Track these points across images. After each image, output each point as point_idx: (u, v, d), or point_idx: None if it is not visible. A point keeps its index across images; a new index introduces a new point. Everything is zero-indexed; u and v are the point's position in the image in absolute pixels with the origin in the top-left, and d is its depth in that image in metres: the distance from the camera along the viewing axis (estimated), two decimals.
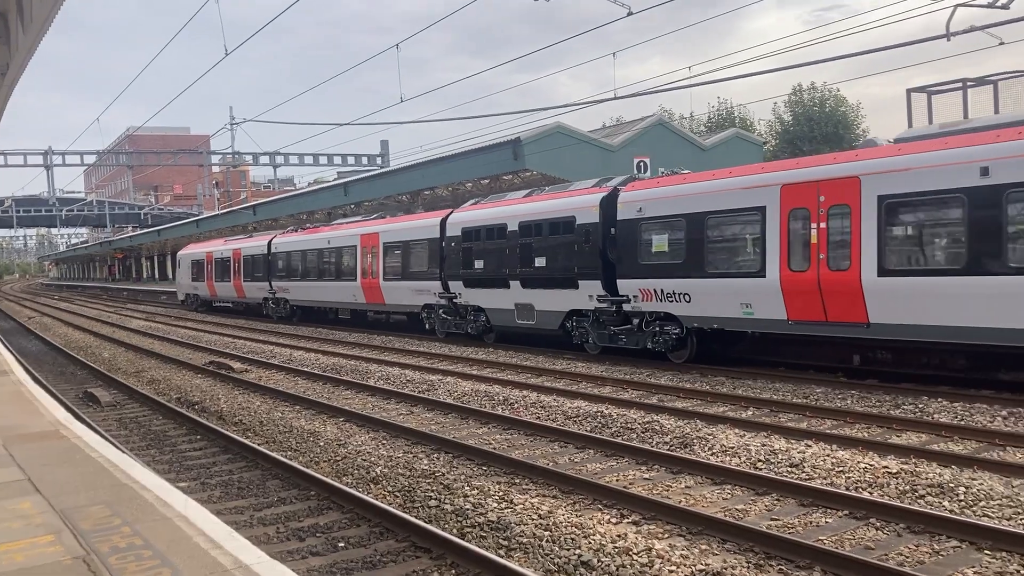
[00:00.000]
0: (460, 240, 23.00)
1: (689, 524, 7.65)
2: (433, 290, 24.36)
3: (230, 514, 8.60)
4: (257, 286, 37.48)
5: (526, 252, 20.55)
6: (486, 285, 22.02)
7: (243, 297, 39.92)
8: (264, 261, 36.49)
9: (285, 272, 34.74)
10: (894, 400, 12.76)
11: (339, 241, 30.18)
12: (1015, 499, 7.86)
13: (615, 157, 31.95)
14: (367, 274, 27.91)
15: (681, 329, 17.04)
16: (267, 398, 15.83)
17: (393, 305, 27.24)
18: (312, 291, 32.46)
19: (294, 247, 34.08)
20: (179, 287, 49.82)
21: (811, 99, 57.23)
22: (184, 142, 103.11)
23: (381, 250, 27.13)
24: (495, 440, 11.65)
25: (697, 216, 16.37)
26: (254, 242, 38.72)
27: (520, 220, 20.78)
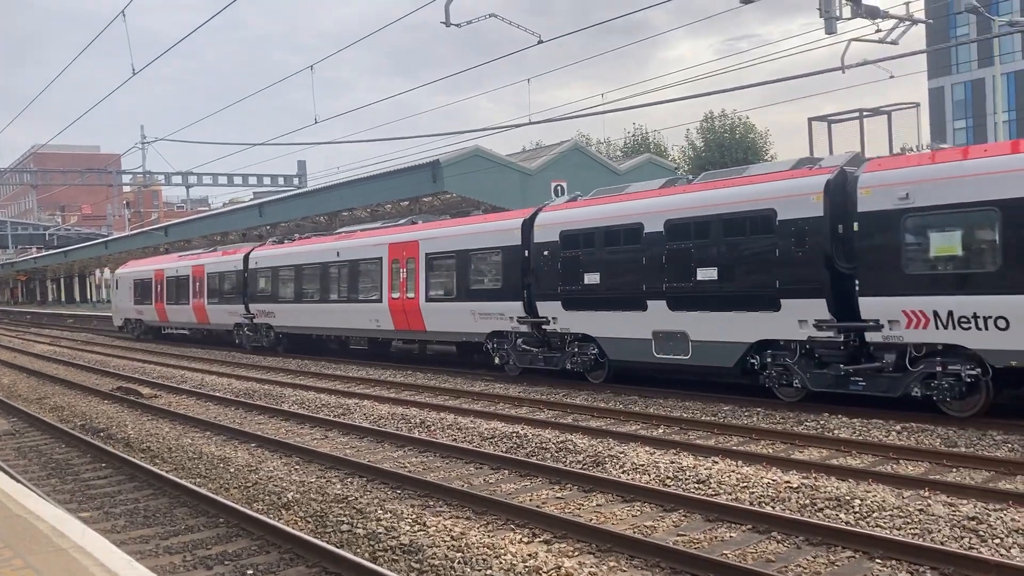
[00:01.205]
0: (557, 248, 17.63)
1: (599, 541, 7.79)
2: (509, 313, 18.99)
3: (135, 543, 8.39)
4: (227, 309, 31.28)
5: (679, 261, 15.26)
6: (603, 307, 16.75)
7: (205, 323, 33.60)
8: (238, 279, 30.50)
9: (269, 292, 28.68)
10: (798, 417, 13.21)
11: (354, 252, 24.35)
12: (905, 510, 8.24)
13: (533, 180, 32.32)
14: (398, 293, 22.32)
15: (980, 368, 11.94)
16: (176, 424, 15.46)
17: (439, 332, 21.48)
18: (309, 315, 26.59)
19: (284, 261, 27.97)
20: (116, 311, 42.78)
21: (722, 126, 59.01)
22: (93, 161, 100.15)
23: (422, 263, 21.49)
24: (410, 463, 11.63)
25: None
26: (222, 257, 32.32)
27: (669, 218, 15.47)
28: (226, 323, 31.75)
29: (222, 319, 31.96)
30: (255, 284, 29.64)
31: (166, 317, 36.65)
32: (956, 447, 10.97)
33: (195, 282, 33.64)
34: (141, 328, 39.74)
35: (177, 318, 35.72)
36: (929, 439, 11.41)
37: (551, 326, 18.04)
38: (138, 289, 39.00)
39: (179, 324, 36.21)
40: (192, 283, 33.85)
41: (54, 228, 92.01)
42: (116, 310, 43.10)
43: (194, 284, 33.69)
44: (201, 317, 33.59)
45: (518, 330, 18.98)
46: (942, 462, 10.30)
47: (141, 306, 38.80)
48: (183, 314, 34.96)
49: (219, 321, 32.30)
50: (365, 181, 34.98)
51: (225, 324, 31.93)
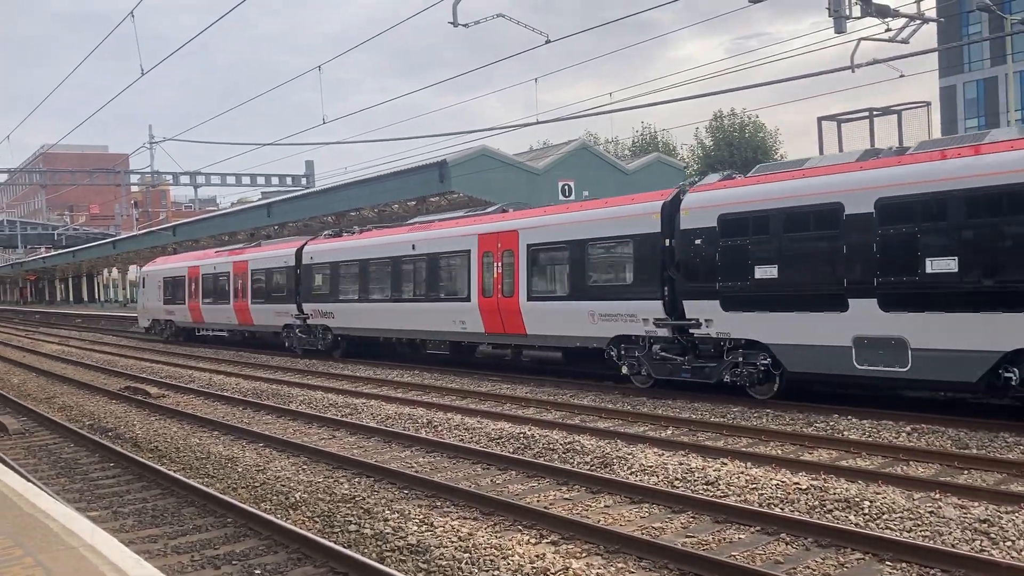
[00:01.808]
0: (714, 235, 14.76)
1: (607, 543, 7.76)
2: (643, 314, 16.11)
3: (143, 543, 8.40)
4: (275, 310, 28.38)
5: (898, 249, 12.54)
6: (781, 306, 13.92)
7: (248, 324, 30.61)
8: (289, 276, 27.66)
9: (328, 290, 25.89)
10: (807, 418, 13.15)
11: (434, 245, 21.61)
12: (915, 511, 8.19)
13: (540, 180, 32.34)
14: (491, 291, 19.66)
15: None
16: (184, 424, 15.49)
17: (543, 336, 18.59)
18: (377, 316, 23.71)
19: (346, 256, 25.07)
20: (143, 311, 39.51)
21: (731, 125, 58.93)
22: (102, 161, 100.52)
23: (523, 255, 18.80)
24: (418, 463, 11.62)
25: None
26: (270, 252, 29.49)
27: (882, 196, 12.75)
28: (273, 324, 28.85)
29: (268, 320, 29.04)
30: (310, 281, 26.66)
31: (201, 318, 33.65)
32: (967, 449, 10.90)
33: (236, 280, 30.68)
34: (171, 330, 36.74)
35: (214, 319, 32.81)
36: (940, 441, 11.34)
37: (703, 330, 15.05)
38: (168, 288, 36.02)
39: (216, 326, 33.12)
40: (233, 281, 30.90)
41: (63, 228, 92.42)
42: (143, 310, 39.76)
43: (235, 282, 30.74)
44: (244, 318, 30.57)
45: (654, 334, 15.97)
46: (953, 464, 10.24)
47: (172, 306, 35.83)
48: (222, 315, 31.99)
49: (265, 322, 29.39)
50: (373, 181, 35.06)
51: (272, 326, 29.02)
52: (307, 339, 27.00)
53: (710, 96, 22.08)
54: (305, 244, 27.66)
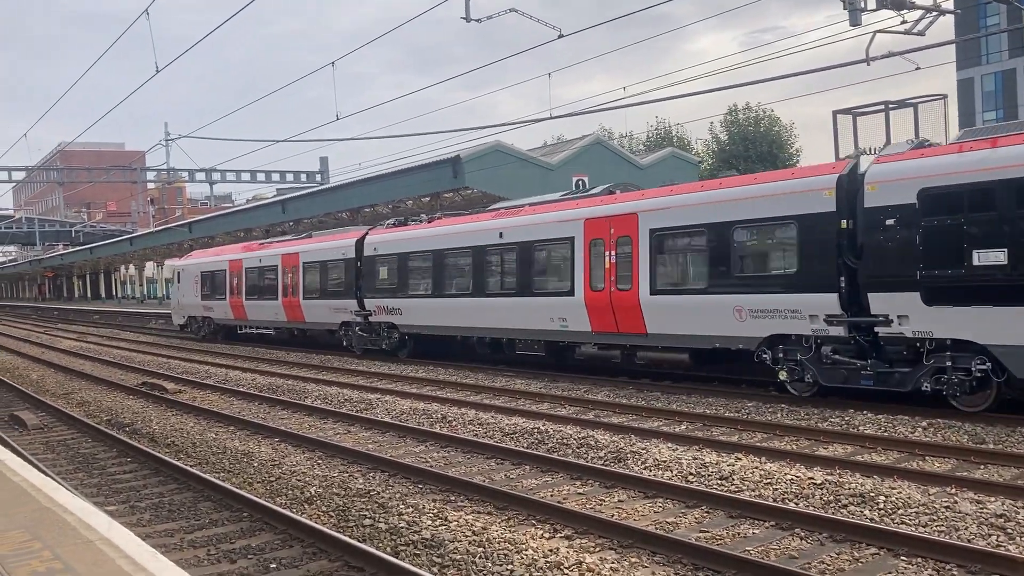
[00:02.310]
0: (913, 214, 12.43)
1: (620, 537, 7.76)
2: (810, 309, 13.71)
3: (159, 537, 8.47)
4: (331, 306, 26.09)
5: None
6: (1009, 299, 11.59)
7: (298, 321, 28.25)
8: (348, 269, 25.33)
9: (395, 284, 23.42)
10: (822, 413, 13.11)
11: (528, 232, 19.03)
12: (931, 506, 8.15)
13: (554, 175, 32.31)
14: (602, 283, 17.07)
15: None
16: (201, 419, 15.59)
17: (669, 335, 15.89)
18: (456, 313, 21.28)
19: (418, 246, 22.70)
20: (178, 308, 37.43)
21: (746, 119, 58.63)
22: (118, 158, 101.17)
23: (644, 243, 16.22)
24: (432, 458, 11.66)
25: None
26: (325, 243, 27.09)
27: None
28: (328, 322, 26.49)
29: (323, 317, 26.61)
30: (373, 275, 24.28)
31: (244, 315, 31.42)
32: (984, 444, 10.84)
33: (286, 274, 28.41)
34: (209, 328, 34.62)
35: (260, 316, 30.51)
36: (956, 436, 11.29)
37: (894, 328, 12.71)
38: (206, 283, 33.74)
39: (262, 323, 30.76)
40: (282, 275, 28.61)
41: (80, 225, 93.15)
42: (178, 307, 37.51)
43: (284, 276, 28.47)
44: (294, 315, 28.20)
45: (823, 333, 13.56)
46: (969, 459, 10.19)
47: (210, 302, 33.54)
48: (268, 311, 29.70)
49: (319, 319, 26.93)
50: (386, 177, 35.13)
51: (327, 323, 26.66)
52: (368, 338, 24.76)
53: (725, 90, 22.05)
54: (366, 234, 25.28)
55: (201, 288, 34.32)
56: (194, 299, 35.09)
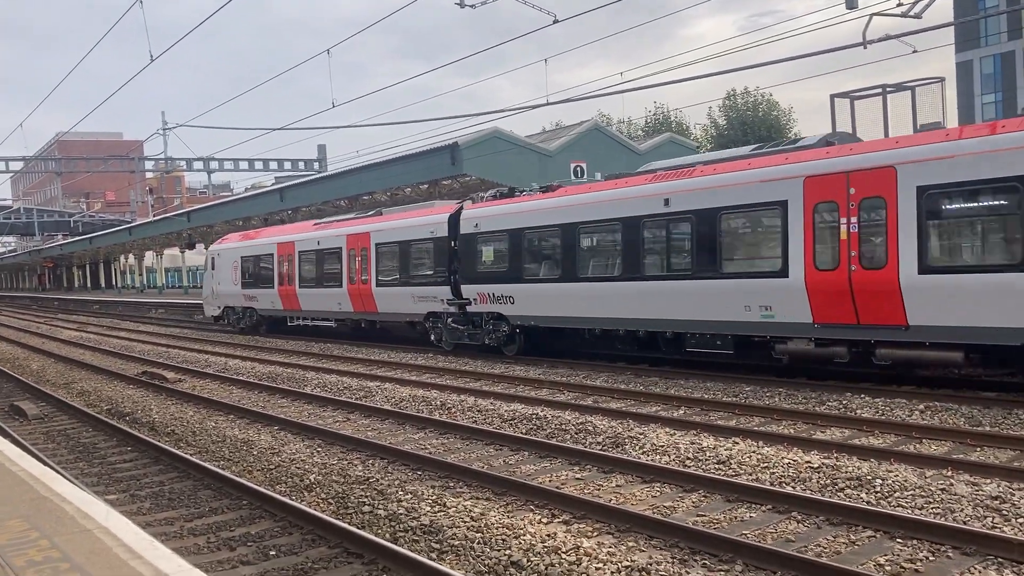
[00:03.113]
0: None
1: (618, 522, 7.80)
2: None
3: (160, 525, 8.51)
4: (414, 294, 22.46)
5: None
6: None
7: (369, 312, 24.68)
8: (440, 250, 21.65)
9: (507, 267, 19.60)
10: (819, 397, 13.14)
11: (709, 198, 15.34)
12: (927, 489, 8.19)
13: (552, 162, 32.27)
14: (829, 262, 13.56)
15: None
16: (201, 408, 15.63)
17: (946, 328, 12.35)
18: (599, 301, 17.40)
19: (540, 220, 18.84)
20: (213, 297, 33.84)
21: (745, 103, 58.48)
22: (116, 147, 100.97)
23: (909, 207, 12.63)
24: (431, 445, 11.70)
25: None
26: (406, 220, 23.45)
27: None
28: (410, 312, 22.99)
29: (403, 307, 23.10)
30: (473, 256, 20.61)
31: (297, 304, 28.01)
32: (980, 426, 10.88)
33: (353, 257, 24.95)
34: (251, 319, 31.35)
35: (318, 306, 27.01)
36: (953, 418, 11.32)
37: None
38: (248, 269, 30.62)
39: (320, 314, 27.22)
40: (348, 259, 25.18)
41: (79, 215, 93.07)
42: (212, 296, 33.83)
43: (352, 260, 25.01)
44: (363, 304, 24.75)
45: None
46: (966, 441, 10.22)
47: (253, 290, 30.33)
48: (328, 301, 26.29)
49: (397, 309, 23.42)
50: (384, 165, 35.07)
51: (408, 314, 23.12)
52: (464, 331, 21.15)
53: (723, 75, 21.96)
54: (462, 208, 21.53)
55: (242, 275, 31.02)
56: (232, 287, 31.74)
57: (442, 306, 21.77)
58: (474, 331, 20.92)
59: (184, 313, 47.21)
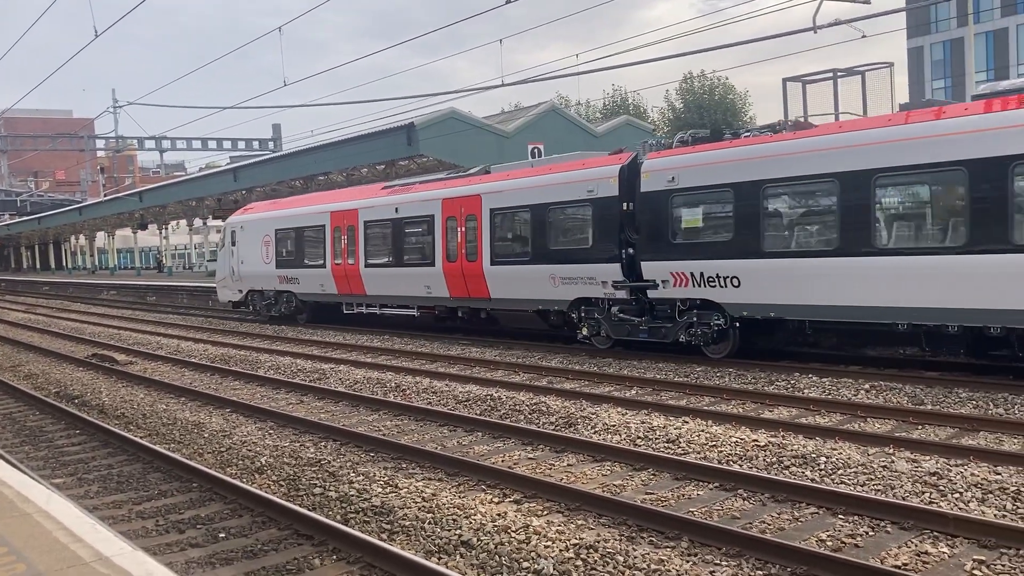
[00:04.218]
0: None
1: (568, 500, 7.89)
2: None
3: (107, 509, 8.42)
4: (557, 274, 17.18)
5: None
6: None
7: (478, 297, 19.30)
8: (603, 216, 16.31)
9: (732, 235, 14.42)
10: (768, 377, 13.36)
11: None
12: (869, 466, 8.39)
13: (509, 143, 32.23)
14: None
15: None
16: (151, 390, 15.44)
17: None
18: (894, 283, 12.40)
19: (797, 167, 13.47)
20: (229, 280, 28.42)
21: (701, 87, 58.85)
22: (66, 126, 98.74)
23: None
24: (385, 427, 11.69)
25: None
26: (539, 178, 17.81)
27: None
28: (545, 298, 17.65)
29: (534, 290, 17.82)
30: (666, 222, 15.21)
31: (361, 288, 22.76)
32: (923, 405, 11.15)
33: (452, 228, 19.72)
34: (289, 305, 26.00)
35: (394, 289, 21.68)
36: (897, 397, 11.59)
37: None
38: (285, 244, 25.45)
39: (399, 299, 21.82)
40: (443, 229, 19.91)
41: (27, 194, 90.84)
42: (232, 277, 28.11)
43: (449, 231, 19.80)
44: (469, 288, 19.40)
45: None
46: (908, 419, 10.47)
47: (291, 270, 25.21)
48: (412, 283, 20.93)
49: (523, 294, 18.14)
50: (340, 144, 34.77)
51: (542, 300, 17.77)
52: (639, 323, 15.99)
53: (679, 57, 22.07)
54: (634, 160, 16.12)
55: (276, 251, 25.78)
56: (262, 266, 26.44)
57: (602, 290, 16.43)
58: (658, 324, 15.62)
59: (136, 295, 46.47)
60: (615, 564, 6.37)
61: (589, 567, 6.36)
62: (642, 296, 16.01)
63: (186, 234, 68.67)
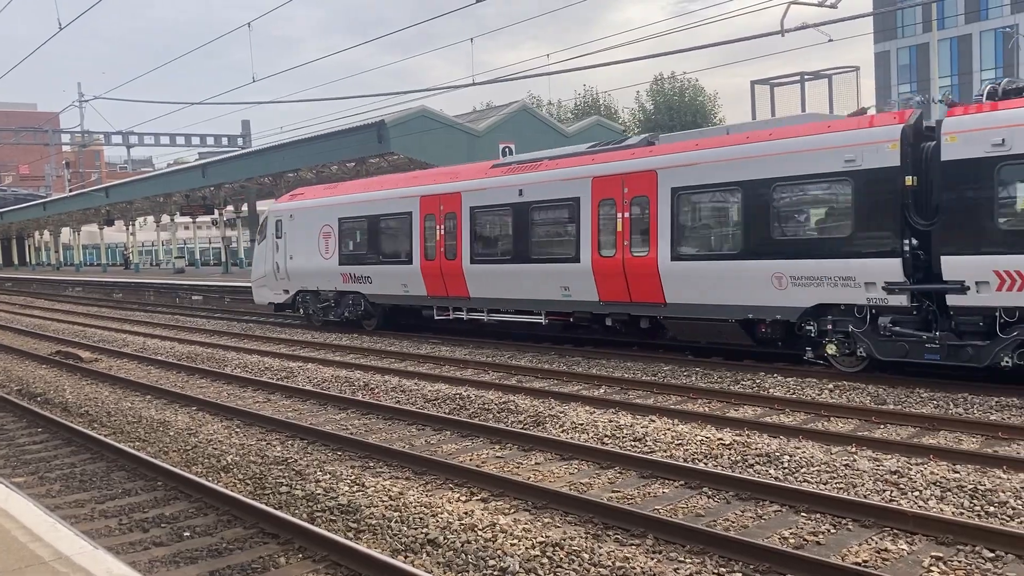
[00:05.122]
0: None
1: (535, 498, 7.92)
2: None
3: (69, 508, 8.33)
4: (786, 272, 13.28)
5: None
6: None
7: (648, 301, 15.24)
8: (869, 195, 12.35)
9: None
10: (735, 376, 13.49)
11: None
12: (832, 465, 8.51)
13: (480, 142, 32.23)
14: None
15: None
16: (117, 388, 15.27)
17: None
18: None
19: None
20: (271, 278, 24.20)
21: (671, 88, 59.18)
22: (30, 119, 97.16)
23: None
24: (353, 425, 11.66)
25: None
26: (762, 145, 13.64)
27: None
28: (763, 304, 13.67)
29: (741, 294, 13.90)
30: (981, 204, 11.43)
31: (464, 289, 18.66)
32: (885, 405, 11.32)
33: (609, 214, 15.69)
34: (356, 308, 21.83)
35: (515, 291, 17.54)
36: (860, 397, 11.75)
37: None
38: (353, 235, 21.62)
39: (521, 303, 17.64)
40: (595, 216, 15.89)
41: None
42: (277, 274, 23.95)
43: (604, 218, 15.76)
44: (633, 290, 15.37)
45: None
46: (871, 419, 10.63)
47: (364, 267, 21.21)
48: (544, 283, 16.87)
49: (722, 299, 14.16)
50: (310, 141, 34.57)
51: (756, 307, 13.78)
52: (925, 340, 12.02)
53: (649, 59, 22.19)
54: (921, 118, 12.53)
55: (340, 244, 21.92)
56: (319, 262, 22.49)
57: (865, 295, 12.54)
58: (962, 342, 11.74)
59: (102, 292, 45.88)
60: (580, 562, 6.41)
61: (555, 564, 6.40)
62: (927, 304, 12.12)
63: (153, 231, 67.93)
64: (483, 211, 18.17)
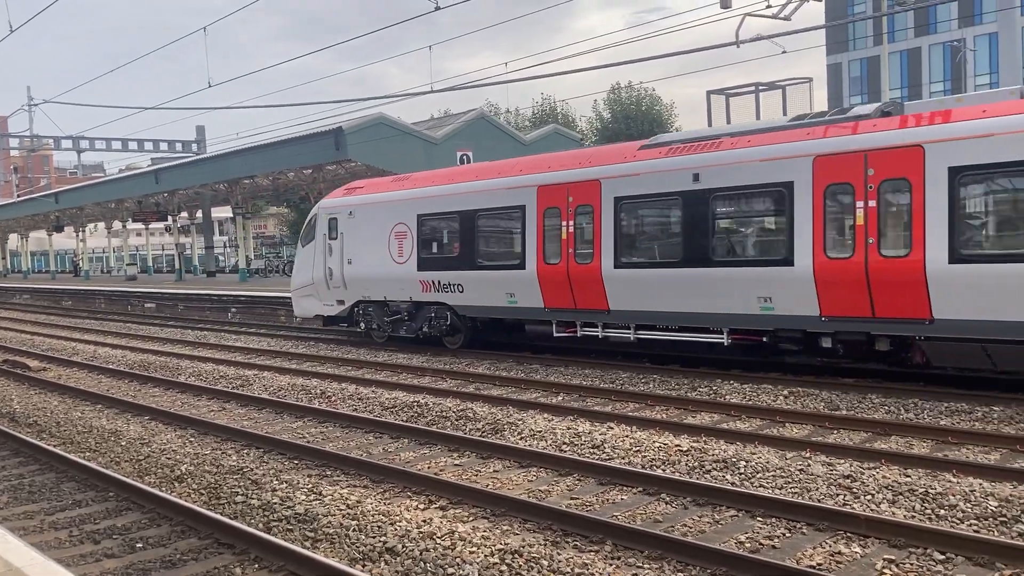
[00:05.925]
0: None
1: (494, 506, 7.91)
2: None
3: (17, 520, 8.13)
4: None
5: None
6: None
7: (889, 317, 11.73)
8: None
9: None
10: (692, 383, 13.62)
11: None
12: (787, 470, 8.62)
13: (438, 149, 32.21)
14: None
15: None
16: (67, 397, 14.95)
17: None
18: None
19: None
20: (321, 286, 20.72)
21: (629, 97, 59.70)
22: None
23: None
24: (309, 434, 11.55)
25: None
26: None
27: None
28: None
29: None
30: None
31: (602, 299, 15.20)
32: (838, 410, 11.50)
33: (840, 204, 12.25)
34: (441, 321, 18.32)
35: (682, 303, 14.14)
36: (814, 403, 11.92)
37: None
38: (438, 234, 18.29)
39: (689, 317, 14.18)
40: (815, 208, 12.39)
41: None
42: (328, 282, 20.53)
43: (830, 211, 12.33)
44: (878, 302, 11.85)
45: None
46: (824, 424, 10.79)
47: (452, 272, 17.82)
48: (733, 291, 13.43)
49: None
50: (266, 148, 34.26)
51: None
52: None
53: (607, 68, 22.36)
54: None
55: (419, 246, 18.56)
56: (389, 267, 19.17)
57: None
58: None
59: (51, 299, 44.91)
60: (539, 568, 6.42)
61: (514, 572, 6.39)
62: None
63: (104, 237, 66.71)
64: (635, 202, 14.77)
